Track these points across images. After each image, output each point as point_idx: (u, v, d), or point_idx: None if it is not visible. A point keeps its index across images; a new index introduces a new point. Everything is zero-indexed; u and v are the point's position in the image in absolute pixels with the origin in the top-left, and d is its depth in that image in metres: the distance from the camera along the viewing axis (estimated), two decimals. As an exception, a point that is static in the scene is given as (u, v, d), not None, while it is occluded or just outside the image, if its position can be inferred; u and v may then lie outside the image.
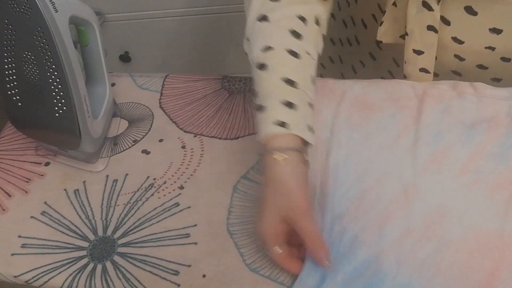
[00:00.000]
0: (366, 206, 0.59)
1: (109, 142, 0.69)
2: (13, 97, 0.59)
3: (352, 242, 0.56)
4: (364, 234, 0.56)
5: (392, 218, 0.58)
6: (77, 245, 0.59)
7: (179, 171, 0.66)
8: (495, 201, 0.58)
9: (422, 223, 0.57)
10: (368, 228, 0.57)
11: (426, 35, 0.68)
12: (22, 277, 0.57)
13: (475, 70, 0.71)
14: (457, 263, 0.54)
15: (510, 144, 0.62)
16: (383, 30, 0.72)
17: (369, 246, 0.56)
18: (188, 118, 0.72)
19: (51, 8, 0.54)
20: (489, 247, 0.54)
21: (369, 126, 0.66)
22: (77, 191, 0.64)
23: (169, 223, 0.60)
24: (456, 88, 0.68)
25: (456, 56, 0.70)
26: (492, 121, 0.64)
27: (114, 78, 0.78)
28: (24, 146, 0.70)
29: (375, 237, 0.56)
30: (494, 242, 0.55)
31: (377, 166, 0.62)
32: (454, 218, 0.57)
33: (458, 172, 0.61)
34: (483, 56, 0.68)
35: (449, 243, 0.55)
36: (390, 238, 0.56)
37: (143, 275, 0.56)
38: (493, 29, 0.64)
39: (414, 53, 0.70)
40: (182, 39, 1.41)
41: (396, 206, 0.58)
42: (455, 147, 0.63)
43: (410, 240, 0.56)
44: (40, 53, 0.55)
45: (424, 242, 0.55)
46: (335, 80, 0.72)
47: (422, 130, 0.64)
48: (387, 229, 0.57)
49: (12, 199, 0.64)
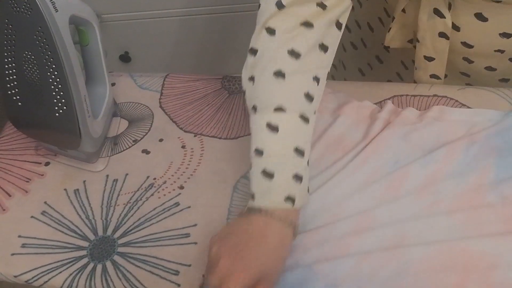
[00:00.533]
0: (322, 238, 0.57)
1: (109, 142, 0.69)
2: (13, 97, 0.59)
3: (307, 274, 0.54)
4: (318, 266, 0.54)
5: (349, 246, 0.56)
6: (77, 245, 0.59)
7: (179, 170, 0.66)
8: (455, 220, 0.57)
9: (380, 247, 0.55)
10: (323, 261, 0.55)
11: (438, 42, 0.67)
12: (22, 277, 0.57)
13: (483, 72, 0.70)
14: (420, 282, 0.52)
15: (467, 163, 0.61)
16: (391, 35, 0.71)
17: (325, 276, 0.54)
18: (188, 118, 0.72)
19: (51, 7, 0.54)
20: (452, 264, 0.53)
21: (330, 161, 0.64)
22: (77, 190, 0.64)
23: (169, 223, 0.60)
24: (421, 115, 0.67)
25: (465, 59, 0.69)
26: (451, 144, 0.63)
27: (114, 78, 0.78)
28: (24, 146, 0.70)
29: (331, 268, 0.54)
30: (457, 258, 0.53)
31: (333, 197, 0.60)
32: (414, 240, 0.55)
33: (416, 195, 0.59)
34: (492, 59, 0.68)
35: (410, 263, 0.54)
36: (348, 266, 0.54)
37: (143, 275, 0.56)
38: (503, 33, 0.63)
39: (425, 60, 0.69)
40: (182, 39, 1.41)
41: (352, 236, 0.57)
42: (413, 171, 0.61)
43: (368, 263, 0.54)
44: (40, 53, 0.55)
45: (384, 264, 0.54)
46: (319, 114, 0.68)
47: (380, 159, 0.63)
48: (343, 258, 0.55)
49: (12, 199, 0.64)
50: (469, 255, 0.54)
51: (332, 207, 0.59)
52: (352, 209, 0.59)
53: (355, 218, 0.58)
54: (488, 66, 0.69)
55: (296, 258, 0.55)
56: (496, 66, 0.69)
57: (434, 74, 0.71)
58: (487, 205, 0.57)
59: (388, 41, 0.72)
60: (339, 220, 0.58)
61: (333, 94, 0.71)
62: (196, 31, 1.39)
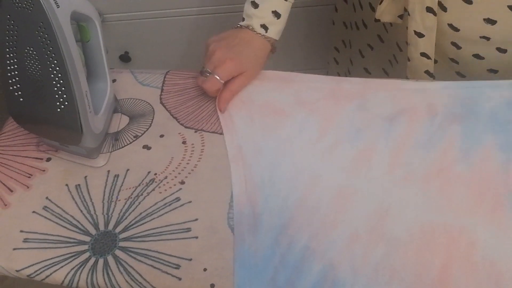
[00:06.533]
0: (307, 214, 0.58)
1: (110, 138, 0.70)
2: (15, 93, 0.59)
3: (304, 253, 0.55)
4: (313, 242, 0.55)
5: (335, 223, 0.57)
6: (79, 239, 0.60)
7: (180, 166, 0.66)
8: (430, 193, 0.58)
9: (367, 225, 0.57)
10: (315, 236, 0.56)
11: (426, 17, 0.69)
12: (24, 271, 0.57)
13: (472, 60, 0.71)
14: (409, 263, 0.54)
15: (432, 132, 0.63)
16: (382, 9, 0.74)
17: (322, 255, 0.55)
18: (189, 113, 0.72)
19: (53, 3, 0.55)
20: (436, 244, 0.55)
21: (285, 131, 0.66)
22: (79, 186, 0.65)
23: (170, 218, 0.61)
24: (366, 85, 0.69)
25: (453, 44, 0.71)
26: (409, 112, 0.65)
27: (115, 75, 0.78)
28: (25, 141, 0.70)
29: (325, 245, 0.55)
30: (439, 238, 0.55)
31: (304, 172, 0.61)
32: (395, 216, 0.57)
33: (388, 168, 0.61)
34: (479, 46, 0.69)
35: (397, 243, 0.55)
36: (340, 245, 0.55)
37: (145, 269, 0.57)
38: (487, 19, 0.64)
39: (415, 35, 0.72)
40: (182, 39, 1.41)
41: (336, 210, 0.58)
42: (379, 143, 0.63)
43: (359, 244, 0.55)
44: (41, 49, 0.56)
45: (374, 245, 0.55)
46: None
47: (339, 129, 0.64)
48: (334, 235, 0.56)
49: (14, 194, 0.64)
50: (449, 233, 0.56)
51: (304, 178, 0.61)
52: (325, 182, 0.60)
53: (332, 193, 0.59)
54: (476, 54, 0.71)
55: (291, 237, 0.56)
56: (483, 54, 0.70)
57: (424, 52, 0.72)
58: (458, 176, 0.60)
59: (379, 14, 0.75)
60: (318, 192, 0.60)
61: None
62: (196, 31, 1.39)
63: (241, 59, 0.69)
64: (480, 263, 0.53)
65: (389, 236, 0.56)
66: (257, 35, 0.71)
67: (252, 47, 0.71)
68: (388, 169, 0.61)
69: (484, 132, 0.63)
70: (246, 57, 0.69)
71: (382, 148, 0.62)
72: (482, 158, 0.61)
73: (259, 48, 0.71)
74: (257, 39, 0.71)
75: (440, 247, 0.55)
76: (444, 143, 0.62)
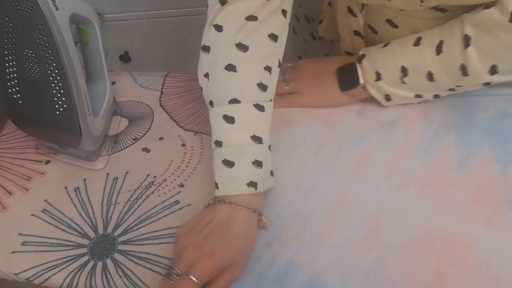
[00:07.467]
0: (299, 227, 0.58)
1: (109, 140, 0.70)
2: (13, 95, 0.59)
3: (287, 268, 0.54)
4: (299, 256, 0.55)
5: (327, 233, 0.57)
6: (78, 242, 0.59)
7: (179, 169, 0.66)
8: (427, 199, 0.58)
9: (360, 232, 0.56)
10: (303, 250, 0.56)
11: (354, 39, 0.71)
12: (23, 274, 0.57)
13: None
14: (403, 267, 0.53)
15: (429, 138, 0.64)
16: (323, 27, 0.76)
17: (307, 267, 0.54)
18: (188, 116, 0.72)
19: (52, 6, 0.54)
20: (432, 247, 0.55)
21: (289, 139, 0.66)
22: (78, 189, 0.65)
23: (170, 221, 0.61)
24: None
25: None
26: (406, 118, 0.66)
27: (114, 77, 0.78)
28: (24, 144, 0.70)
29: (312, 257, 0.55)
30: (435, 241, 0.55)
31: (303, 182, 0.61)
32: (391, 222, 0.57)
33: (385, 175, 0.61)
34: None
35: (390, 248, 0.55)
36: (329, 254, 0.55)
37: (144, 272, 0.56)
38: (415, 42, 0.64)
39: (347, 54, 0.73)
40: (182, 39, 1.41)
41: (329, 220, 0.58)
42: (377, 149, 0.63)
43: (350, 251, 0.55)
44: (40, 51, 0.55)
45: (365, 252, 0.55)
46: None
47: (341, 136, 0.65)
48: (324, 245, 0.56)
49: (13, 197, 0.64)
50: (445, 237, 0.55)
51: (302, 190, 0.61)
52: (323, 192, 0.60)
53: (328, 203, 0.59)
54: None
55: (273, 253, 0.56)
56: None
57: None
58: (454, 183, 0.60)
59: (321, 32, 0.76)
60: (314, 202, 0.59)
61: None
62: (196, 31, 1.39)
63: (219, 253, 0.51)
64: (476, 267, 0.53)
65: (382, 242, 0.55)
66: (237, 208, 0.55)
67: (232, 229, 0.54)
68: (384, 177, 0.61)
69: (480, 142, 0.63)
70: (226, 247, 0.52)
71: (380, 155, 0.63)
72: (478, 166, 0.61)
73: (243, 226, 0.55)
74: (238, 215, 0.55)
75: (436, 251, 0.54)
76: (440, 152, 0.62)
